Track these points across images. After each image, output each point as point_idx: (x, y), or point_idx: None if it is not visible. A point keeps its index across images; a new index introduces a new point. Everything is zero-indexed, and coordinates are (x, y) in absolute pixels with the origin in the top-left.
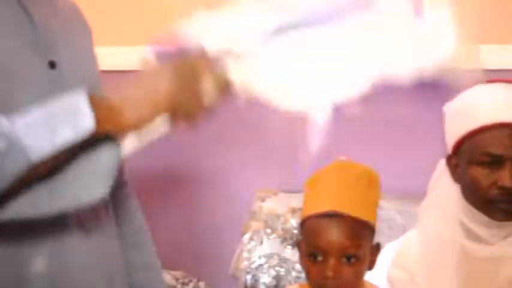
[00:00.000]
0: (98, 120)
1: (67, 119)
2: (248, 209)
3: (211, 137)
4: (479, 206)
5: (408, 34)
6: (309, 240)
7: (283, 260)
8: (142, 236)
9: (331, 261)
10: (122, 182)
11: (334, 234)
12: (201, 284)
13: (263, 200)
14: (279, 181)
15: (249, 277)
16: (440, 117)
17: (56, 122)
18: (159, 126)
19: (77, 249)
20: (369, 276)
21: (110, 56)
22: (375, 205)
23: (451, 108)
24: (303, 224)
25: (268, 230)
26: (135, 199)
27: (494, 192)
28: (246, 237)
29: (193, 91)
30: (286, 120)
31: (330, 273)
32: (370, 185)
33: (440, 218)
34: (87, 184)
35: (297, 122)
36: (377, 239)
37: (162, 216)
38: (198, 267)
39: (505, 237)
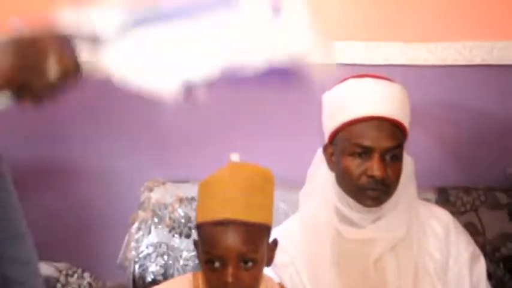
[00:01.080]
0: None
1: None
2: (136, 200)
3: (100, 128)
4: (351, 193)
5: (265, 29)
6: (206, 248)
7: (171, 249)
8: (14, 230)
9: (230, 268)
10: None
11: (230, 242)
12: (86, 275)
13: (151, 190)
14: (167, 171)
15: (137, 267)
16: (319, 108)
17: None
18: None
19: None
20: None
21: None
22: (270, 204)
23: (327, 99)
24: (199, 228)
25: (156, 220)
26: (8, 191)
27: (364, 180)
28: (134, 227)
29: (36, 68)
30: (170, 113)
31: (229, 280)
32: (264, 184)
33: (317, 204)
34: None
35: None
36: None
37: (47, 207)
38: (84, 259)
39: (374, 221)
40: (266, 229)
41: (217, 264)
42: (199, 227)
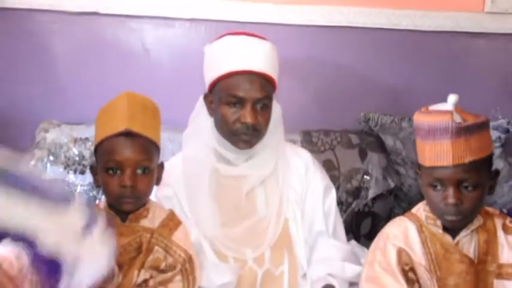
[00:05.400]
0: None
1: None
2: (32, 141)
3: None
4: (227, 137)
5: None
6: (106, 158)
7: (66, 184)
8: None
9: (128, 171)
10: None
11: (129, 150)
12: None
13: (46, 131)
14: (63, 114)
15: None
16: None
17: None
18: None
19: None
20: None
21: None
22: (159, 129)
23: (207, 52)
24: (99, 145)
25: (52, 158)
26: None
27: (238, 126)
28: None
29: None
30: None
31: (128, 182)
32: (154, 110)
33: (198, 145)
34: None
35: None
36: None
37: None
38: None
39: (247, 159)
40: (157, 149)
41: (118, 171)
42: (99, 144)
